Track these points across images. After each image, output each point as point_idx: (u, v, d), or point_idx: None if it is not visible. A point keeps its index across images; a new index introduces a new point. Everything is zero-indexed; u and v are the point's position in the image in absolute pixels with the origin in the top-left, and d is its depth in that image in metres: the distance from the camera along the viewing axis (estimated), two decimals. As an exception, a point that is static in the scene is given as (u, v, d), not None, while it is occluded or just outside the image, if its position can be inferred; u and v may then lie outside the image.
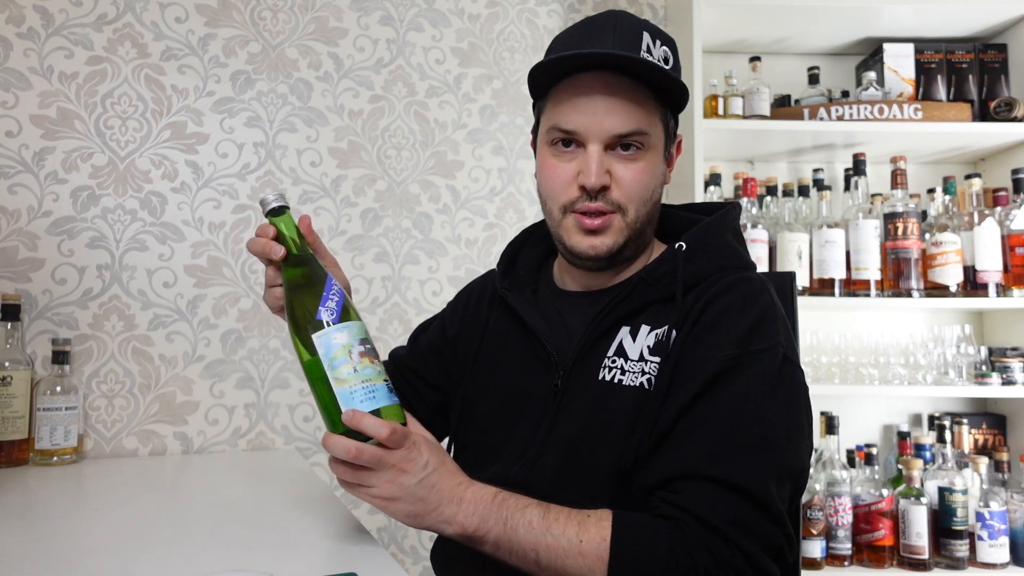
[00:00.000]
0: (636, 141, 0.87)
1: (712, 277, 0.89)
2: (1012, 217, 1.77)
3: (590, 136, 0.87)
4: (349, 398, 0.79)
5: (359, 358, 0.81)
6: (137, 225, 1.67)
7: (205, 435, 1.67)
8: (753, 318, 0.84)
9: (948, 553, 1.64)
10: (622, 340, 0.90)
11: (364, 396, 0.79)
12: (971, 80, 1.91)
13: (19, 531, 0.99)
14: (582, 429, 0.87)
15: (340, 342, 0.81)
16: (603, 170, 0.86)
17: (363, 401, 0.79)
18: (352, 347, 0.81)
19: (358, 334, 0.83)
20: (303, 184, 1.77)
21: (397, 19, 1.87)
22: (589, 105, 0.86)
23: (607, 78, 0.86)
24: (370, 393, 0.80)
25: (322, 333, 0.81)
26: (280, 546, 0.91)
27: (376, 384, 0.81)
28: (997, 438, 1.90)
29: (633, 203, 0.88)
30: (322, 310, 0.82)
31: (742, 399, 0.79)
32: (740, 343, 0.82)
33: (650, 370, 0.86)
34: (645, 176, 0.88)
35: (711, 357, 0.81)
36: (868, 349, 1.85)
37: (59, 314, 1.61)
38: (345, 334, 0.82)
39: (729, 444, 0.77)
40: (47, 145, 1.63)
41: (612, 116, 0.86)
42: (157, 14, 1.72)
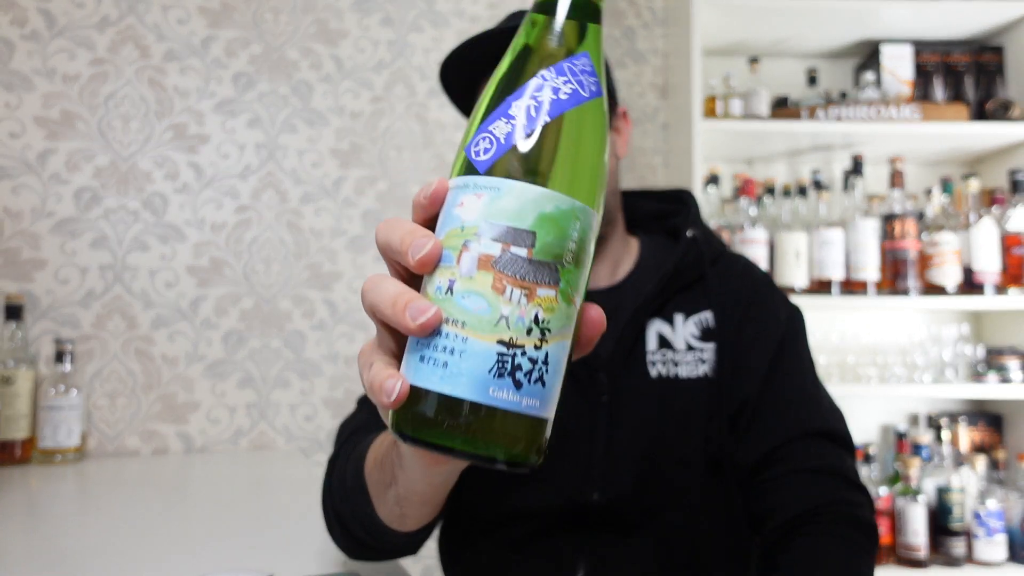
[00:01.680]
0: None
1: (720, 262, 0.94)
2: (1009, 217, 1.77)
3: None
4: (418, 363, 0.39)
5: (474, 270, 0.38)
6: (139, 226, 1.68)
7: (207, 434, 1.68)
8: (774, 287, 0.94)
9: (945, 551, 1.64)
10: (660, 332, 0.89)
11: (443, 358, 0.39)
12: (968, 81, 1.92)
13: (22, 530, 1.00)
14: (652, 432, 0.85)
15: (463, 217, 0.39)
16: None
17: (443, 367, 0.39)
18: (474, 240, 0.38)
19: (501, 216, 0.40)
20: (304, 185, 1.78)
21: (398, 21, 1.88)
22: None
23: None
24: (458, 364, 0.40)
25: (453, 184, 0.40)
26: (280, 546, 0.92)
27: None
28: (994, 437, 1.91)
29: None
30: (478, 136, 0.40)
31: (803, 358, 0.89)
32: (782, 310, 0.91)
33: (707, 358, 0.87)
34: None
35: (770, 328, 0.88)
36: (866, 349, 1.86)
37: (62, 314, 1.62)
38: (480, 204, 0.39)
39: (811, 400, 0.85)
40: (50, 146, 1.64)
41: None
42: (159, 16, 1.73)
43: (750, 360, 0.86)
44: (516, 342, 0.36)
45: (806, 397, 0.85)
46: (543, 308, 0.37)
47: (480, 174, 0.38)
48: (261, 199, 1.76)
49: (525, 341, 0.36)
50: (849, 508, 0.78)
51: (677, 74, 1.91)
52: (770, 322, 0.89)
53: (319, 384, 1.75)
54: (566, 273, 0.38)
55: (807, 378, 0.88)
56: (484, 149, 0.39)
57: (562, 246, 0.37)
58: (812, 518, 0.77)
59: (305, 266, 1.77)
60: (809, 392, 0.86)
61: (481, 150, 0.39)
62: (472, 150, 0.39)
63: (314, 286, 1.77)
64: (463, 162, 0.40)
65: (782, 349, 0.87)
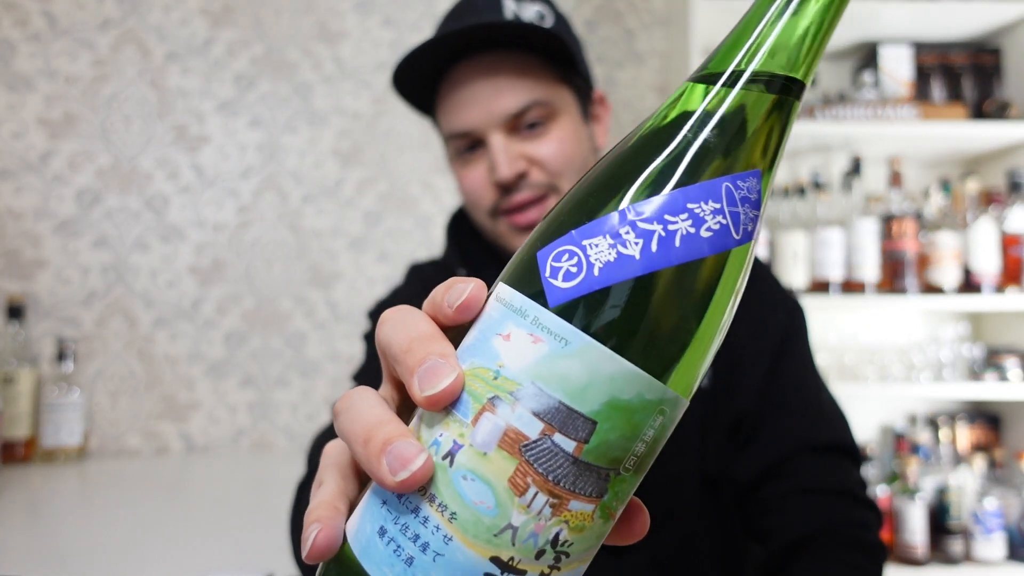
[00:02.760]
0: (537, 115, 0.76)
1: None
2: (1007, 217, 1.78)
3: (486, 128, 0.76)
4: None
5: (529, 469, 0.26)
6: (141, 226, 1.68)
7: (208, 434, 1.69)
8: (771, 277, 0.85)
9: (944, 550, 1.65)
10: None
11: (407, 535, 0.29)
12: (967, 82, 1.93)
13: (24, 529, 1.00)
14: None
15: (500, 355, 0.27)
16: (512, 156, 0.76)
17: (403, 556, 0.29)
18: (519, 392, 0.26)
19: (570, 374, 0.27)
20: (305, 185, 1.79)
21: (398, 22, 1.88)
22: (471, 95, 0.76)
23: (482, 60, 0.76)
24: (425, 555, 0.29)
25: (505, 296, 0.28)
26: (280, 546, 0.92)
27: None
28: (992, 437, 1.92)
29: (562, 178, 0.78)
30: (556, 250, 0.27)
31: (805, 359, 0.81)
32: (780, 306, 0.82)
33: None
34: (564, 147, 0.77)
35: (768, 328, 0.80)
36: (865, 349, 1.86)
37: (64, 314, 1.62)
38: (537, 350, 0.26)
39: (814, 407, 0.78)
40: (52, 147, 1.65)
41: (499, 97, 0.75)
42: (161, 17, 1.73)
43: (747, 367, 0.78)
44: (516, 566, 0.25)
45: (809, 405, 0.78)
46: (569, 527, 0.26)
47: (550, 308, 0.26)
48: (262, 199, 1.76)
49: (529, 567, 0.25)
50: (854, 530, 0.72)
51: (677, 75, 1.92)
52: (768, 320, 0.81)
53: (320, 384, 1.75)
54: (618, 483, 0.26)
55: (809, 382, 0.80)
56: (569, 272, 0.26)
57: (626, 448, 0.26)
58: (815, 542, 0.71)
59: (306, 266, 1.77)
60: (812, 399, 0.79)
61: (564, 270, 0.26)
62: (549, 263, 0.26)
63: (315, 286, 1.77)
64: (529, 268, 0.27)
65: (782, 351, 0.79)
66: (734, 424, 0.79)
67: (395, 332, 0.29)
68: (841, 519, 0.72)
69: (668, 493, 0.79)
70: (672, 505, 0.79)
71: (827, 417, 0.78)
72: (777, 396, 0.78)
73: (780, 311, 0.82)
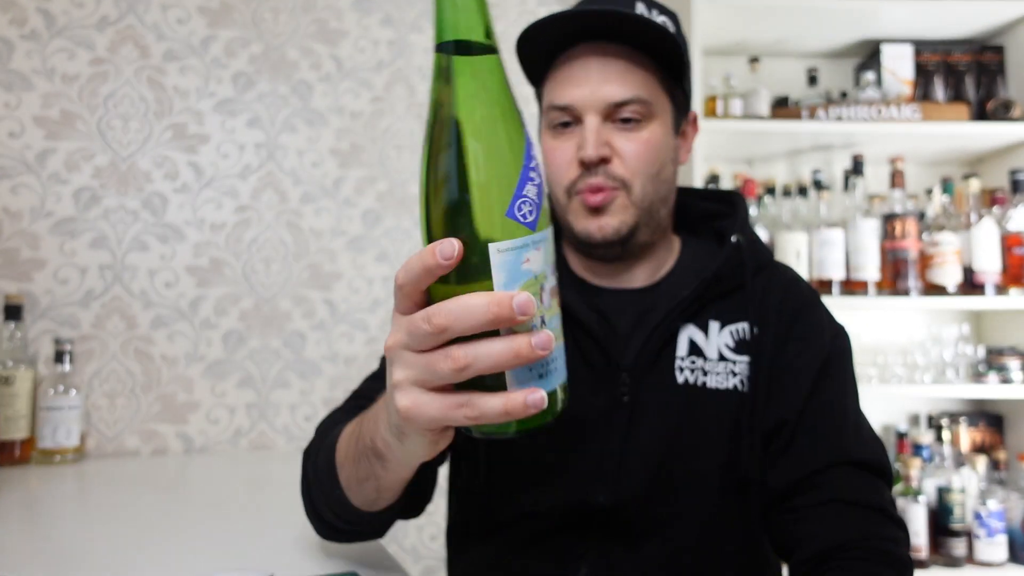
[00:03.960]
0: (636, 111, 0.81)
1: (764, 272, 0.89)
2: (1009, 217, 1.77)
3: (586, 108, 0.81)
4: (535, 366, 0.47)
5: (549, 300, 0.48)
6: (139, 225, 1.68)
7: (206, 435, 1.68)
8: (821, 304, 0.90)
9: (946, 552, 1.64)
10: (692, 338, 0.85)
11: (553, 364, 0.48)
12: (969, 81, 1.92)
13: (21, 530, 1.00)
14: (672, 439, 0.82)
15: (533, 269, 0.46)
16: (601, 140, 0.80)
17: (546, 375, 0.47)
18: (544, 280, 0.47)
19: (550, 255, 0.48)
20: (304, 185, 1.78)
21: (398, 20, 1.87)
22: (583, 75, 0.81)
23: (601, 47, 0.81)
24: (553, 364, 0.48)
25: (512, 245, 0.45)
26: (280, 546, 0.92)
27: (559, 345, 0.49)
28: (995, 437, 1.91)
29: (638, 177, 0.82)
30: (520, 200, 0.46)
31: (846, 381, 0.85)
32: (827, 329, 0.87)
33: (740, 371, 0.83)
34: (649, 148, 0.82)
35: (814, 348, 0.84)
36: (866, 349, 1.86)
37: (61, 314, 1.62)
38: (541, 252, 0.47)
39: (852, 426, 0.81)
40: (49, 146, 1.64)
41: (608, 84, 0.80)
42: (159, 15, 1.72)
43: (791, 380, 0.82)
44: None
45: (847, 423, 0.81)
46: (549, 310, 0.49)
47: (533, 231, 0.46)
48: (261, 199, 1.75)
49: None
50: (884, 544, 0.73)
51: (677, 74, 1.91)
52: (814, 341, 0.85)
53: (319, 384, 1.74)
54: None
55: (849, 403, 0.83)
56: (529, 211, 0.46)
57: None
58: (844, 552, 0.72)
59: (305, 266, 1.76)
60: (851, 418, 0.82)
61: (527, 212, 0.46)
62: (518, 215, 0.46)
63: (314, 286, 1.76)
64: (507, 225, 0.46)
65: (826, 370, 0.83)
66: (771, 432, 0.82)
67: (468, 311, 0.44)
68: (873, 533, 0.74)
69: (690, 486, 0.82)
70: (693, 499, 0.82)
71: (864, 437, 0.81)
72: (816, 411, 0.81)
73: (827, 334, 0.86)
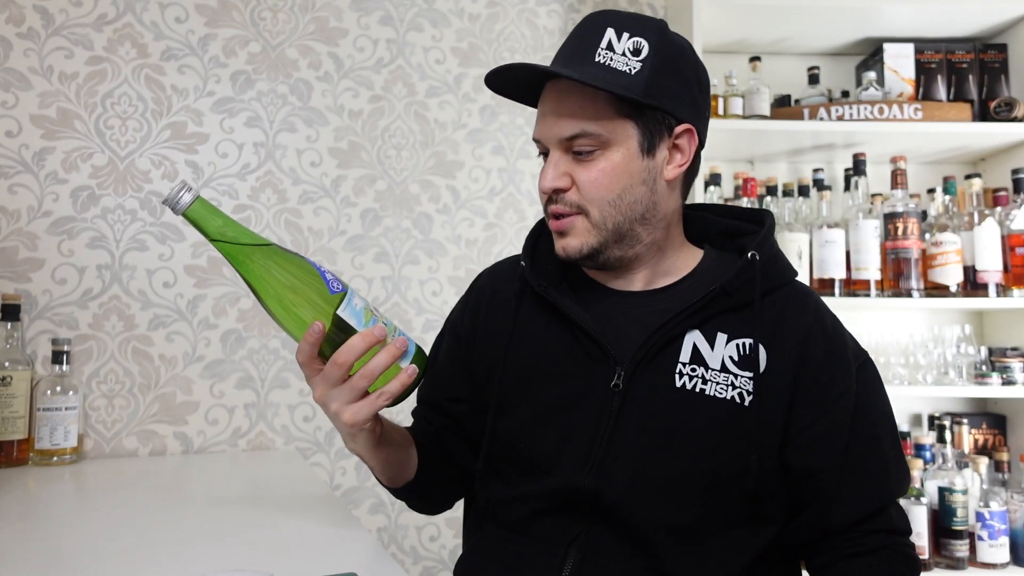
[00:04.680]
0: (586, 144, 0.86)
1: (779, 291, 0.92)
2: (1012, 217, 1.77)
3: (549, 142, 0.89)
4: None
5: (377, 312, 0.80)
6: (137, 225, 1.67)
7: (205, 435, 1.67)
8: (844, 334, 0.93)
9: (948, 553, 1.64)
10: (696, 345, 0.88)
11: (408, 351, 0.81)
12: (971, 80, 1.91)
13: (19, 531, 0.99)
14: (662, 438, 0.85)
15: (361, 305, 0.78)
16: (558, 172, 0.87)
17: (407, 354, 0.80)
18: (368, 305, 0.80)
19: (357, 292, 0.81)
20: (303, 184, 1.77)
21: (397, 19, 1.87)
22: (544, 114, 0.89)
23: (559, 86, 0.88)
24: (409, 346, 0.81)
25: (345, 304, 0.77)
26: (280, 546, 0.91)
27: (399, 330, 0.81)
28: (997, 438, 1.90)
29: (595, 204, 0.87)
30: (329, 283, 0.77)
31: (884, 413, 0.91)
32: (853, 363, 0.90)
33: (740, 384, 0.86)
34: (604, 176, 0.86)
35: (839, 384, 0.88)
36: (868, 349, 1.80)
37: (59, 314, 1.61)
38: (358, 296, 0.79)
39: (894, 462, 0.89)
40: (47, 145, 1.63)
41: (560, 120, 0.87)
42: (157, 14, 1.72)
43: (826, 425, 0.86)
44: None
45: (890, 461, 0.88)
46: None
47: (347, 289, 0.79)
48: (260, 198, 1.75)
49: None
50: (899, 547, 0.86)
51: (678, 73, 1.90)
52: (842, 379, 0.88)
53: (318, 384, 1.73)
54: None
55: (884, 436, 0.89)
56: (335, 283, 0.78)
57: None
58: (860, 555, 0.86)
59: (304, 266, 1.75)
60: (892, 455, 0.89)
61: (334, 284, 0.78)
62: (335, 288, 0.77)
63: (313, 286, 1.76)
64: (334, 297, 0.77)
65: (859, 412, 0.88)
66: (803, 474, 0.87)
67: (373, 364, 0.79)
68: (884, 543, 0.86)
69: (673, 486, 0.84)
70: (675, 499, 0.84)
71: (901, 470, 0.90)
72: (857, 458, 0.87)
73: (853, 371, 0.89)
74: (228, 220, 0.77)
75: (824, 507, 0.86)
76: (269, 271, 0.76)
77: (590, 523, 0.85)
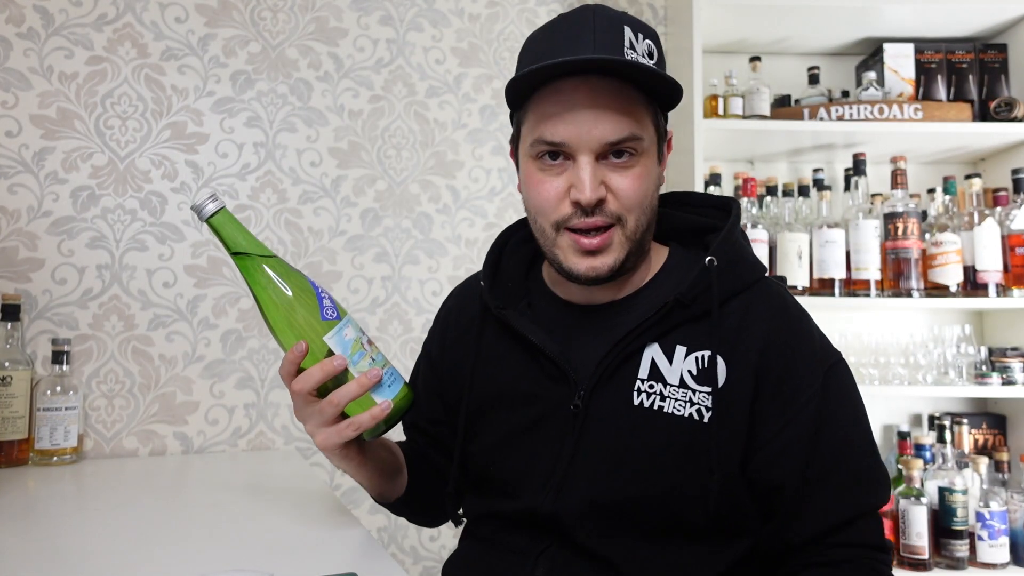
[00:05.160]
0: (629, 147, 0.80)
1: (742, 295, 0.86)
2: (1012, 217, 1.76)
3: (580, 147, 0.80)
4: (377, 387, 0.81)
5: (369, 347, 0.83)
6: (137, 225, 1.67)
7: (205, 435, 1.67)
8: (810, 333, 0.87)
9: (948, 553, 1.63)
10: (655, 360, 0.84)
11: (388, 382, 0.82)
12: (971, 80, 1.91)
13: (19, 531, 0.99)
14: (619, 458, 0.82)
15: (352, 336, 0.81)
16: (598, 182, 0.80)
17: (390, 386, 0.82)
18: (361, 338, 0.82)
19: (356, 325, 0.84)
20: (303, 184, 1.77)
21: (397, 19, 1.87)
22: (575, 115, 0.79)
23: (591, 83, 0.79)
24: (391, 378, 0.83)
25: (334, 332, 0.80)
26: (280, 546, 0.91)
27: (390, 367, 0.84)
28: (997, 438, 1.90)
29: (632, 213, 0.82)
30: (324, 308, 0.81)
31: (854, 419, 0.84)
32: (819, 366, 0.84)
33: (699, 400, 0.81)
34: (642, 183, 0.82)
35: (803, 392, 0.82)
36: (868, 349, 1.85)
37: (59, 314, 1.61)
38: (351, 328, 0.82)
39: (866, 470, 0.83)
40: (47, 145, 1.63)
41: (601, 124, 0.79)
42: (157, 14, 1.72)
43: (792, 433, 0.81)
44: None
45: (861, 469, 0.82)
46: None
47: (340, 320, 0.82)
48: (260, 198, 1.75)
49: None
50: (867, 560, 0.81)
51: (678, 73, 1.90)
52: (807, 387, 0.82)
53: (318, 385, 1.73)
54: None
55: (856, 439, 0.84)
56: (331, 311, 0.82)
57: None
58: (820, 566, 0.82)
59: (303, 266, 1.76)
60: (862, 462, 0.83)
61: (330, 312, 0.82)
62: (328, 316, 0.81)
63: (313, 286, 1.76)
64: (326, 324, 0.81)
65: (823, 419, 0.81)
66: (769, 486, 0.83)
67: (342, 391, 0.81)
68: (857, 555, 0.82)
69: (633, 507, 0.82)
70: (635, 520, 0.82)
71: (873, 479, 0.83)
72: (827, 462, 0.82)
73: (818, 375, 0.83)
74: (248, 234, 0.83)
75: (789, 519, 0.82)
76: (275, 287, 0.81)
77: (553, 542, 0.85)
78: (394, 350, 1.80)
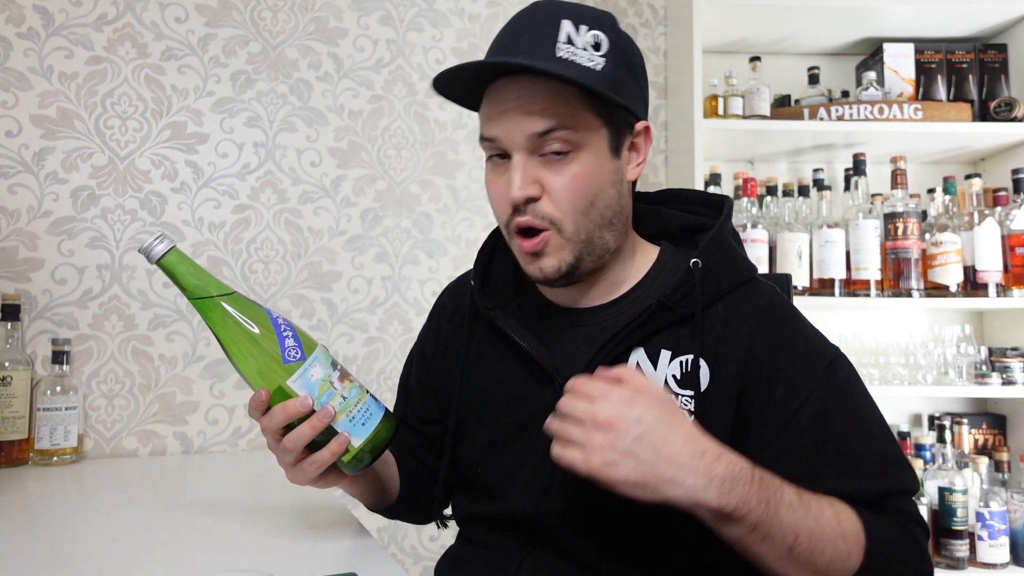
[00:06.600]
0: (560, 140, 0.78)
1: (729, 296, 0.84)
2: (1012, 217, 1.76)
3: (511, 144, 0.79)
4: (348, 426, 0.78)
5: (340, 383, 0.79)
6: (137, 225, 1.67)
7: (205, 435, 1.67)
8: (803, 332, 0.84)
9: (948, 553, 1.63)
10: (639, 365, 0.83)
11: (361, 419, 0.79)
12: (971, 80, 1.91)
13: (19, 531, 0.99)
14: None
15: (319, 376, 0.77)
16: (528, 179, 0.78)
17: (363, 424, 0.79)
18: (330, 376, 0.78)
19: (326, 359, 0.79)
20: (303, 184, 1.77)
21: (397, 19, 1.87)
22: (505, 112, 0.79)
23: (520, 82, 0.78)
24: (365, 414, 0.79)
25: (298, 375, 0.76)
26: (280, 546, 0.91)
27: (365, 402, 0.80)
28: (997, 438, 1.90)
29: (569, 216, 0.79)
30: (286, 350, 0.77)
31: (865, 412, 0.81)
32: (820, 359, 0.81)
33: (682, 404, 0.80)
34: (580, 183, 0.79)
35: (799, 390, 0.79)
36: (868, 349, 1.85)
37: (59, 314, 1.61)
38: (318, 366, 0.78)
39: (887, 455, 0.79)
40: (47, 145, 1.63)
41: (528, 117, 0.78)
42: (157, 14, 1.72)
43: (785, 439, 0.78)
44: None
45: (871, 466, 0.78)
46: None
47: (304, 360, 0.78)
48: (259, 198, 1.75)
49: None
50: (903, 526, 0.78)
51: (678, 73, 1.90)
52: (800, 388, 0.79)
53: (318, 385, 1.74)
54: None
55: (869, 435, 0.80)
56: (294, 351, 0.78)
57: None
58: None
59: (304, 266, 1.76)
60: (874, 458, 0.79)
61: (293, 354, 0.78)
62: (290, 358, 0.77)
63: (312, 286, 1.76)
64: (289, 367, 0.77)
65: (828, 416, 0.78)
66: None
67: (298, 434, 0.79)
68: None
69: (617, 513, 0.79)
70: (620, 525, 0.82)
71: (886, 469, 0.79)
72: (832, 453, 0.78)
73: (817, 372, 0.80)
74: (203, 272, 0.79)
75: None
76: (237, 331, 0.78)
77: (537, 543, 0.85)
78: (394, 350, 1.80)
